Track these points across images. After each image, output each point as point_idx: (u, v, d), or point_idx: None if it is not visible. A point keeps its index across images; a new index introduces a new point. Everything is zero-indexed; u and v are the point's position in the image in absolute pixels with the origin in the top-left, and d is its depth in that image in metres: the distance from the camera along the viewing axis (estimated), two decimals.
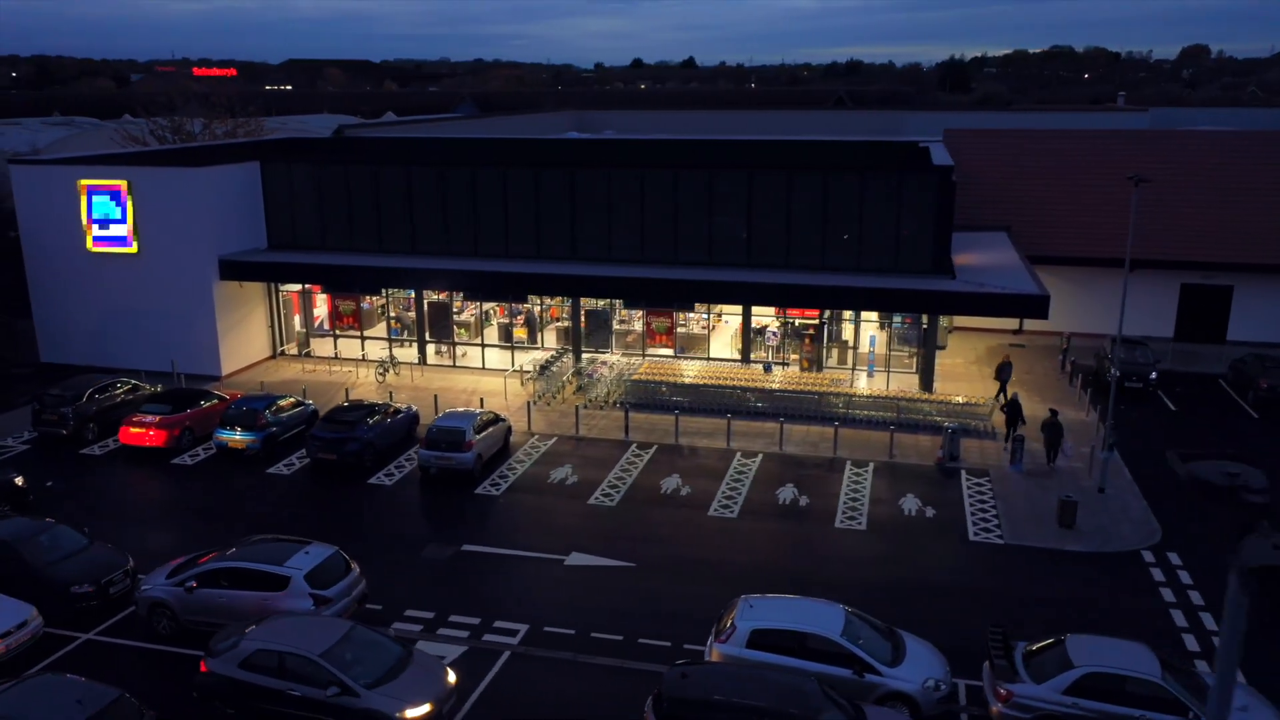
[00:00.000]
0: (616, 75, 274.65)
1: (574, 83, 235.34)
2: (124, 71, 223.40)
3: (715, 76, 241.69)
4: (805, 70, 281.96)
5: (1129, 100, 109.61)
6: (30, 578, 21.87)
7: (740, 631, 19.04)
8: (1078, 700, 17.46)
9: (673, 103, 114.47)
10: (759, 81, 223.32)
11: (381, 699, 17.23)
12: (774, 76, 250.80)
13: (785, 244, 36.76)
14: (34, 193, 38.78)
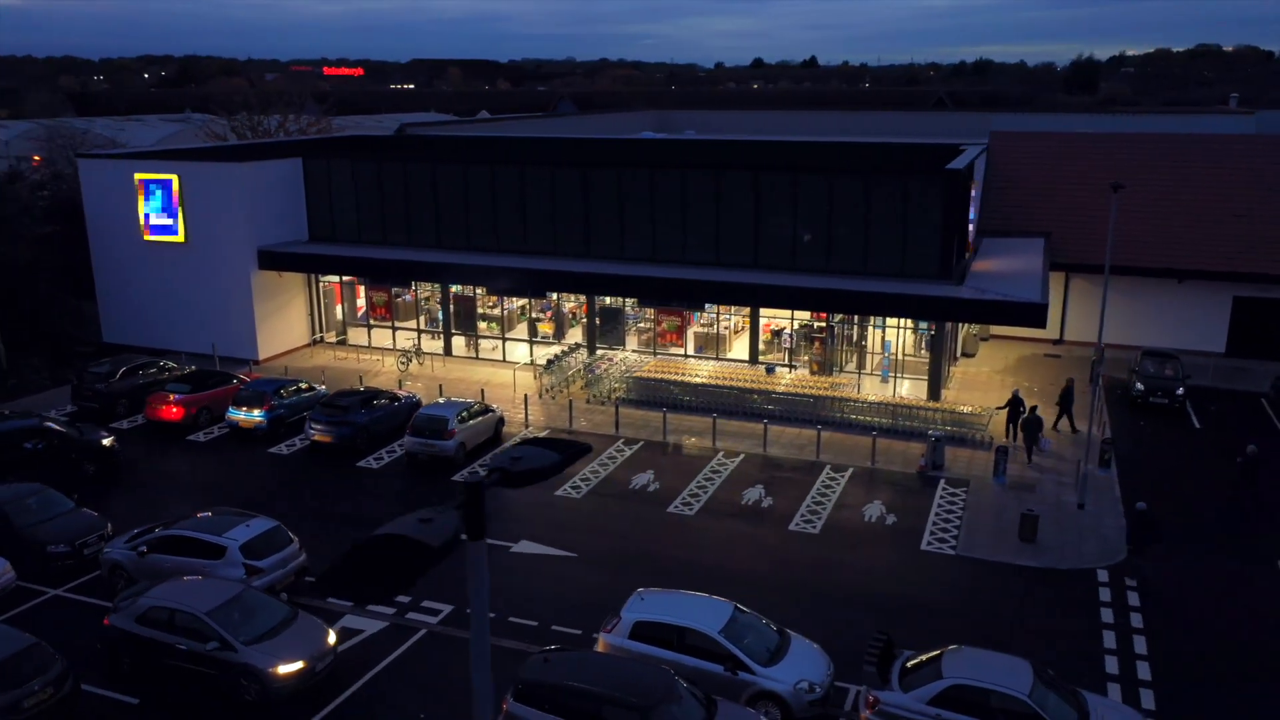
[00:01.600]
0: (735, 75, 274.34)
1: (688, 82, 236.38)
2: (260, 71, 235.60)
3: (830, 77, 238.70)
4: (931, 70, 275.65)
5: (1256, 104, 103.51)
6: (13, 536, 24.02)
7: (624, 623, 19.52)
8: (941, 711, 17.30)
9: (765, 103, 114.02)
10: (875, 82, 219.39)
11: (258, 654, 18.65)
12: (893, 77, 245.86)
13: (791, 246, 36.69)
14: (98, 185, 41.93)
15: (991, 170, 45.77)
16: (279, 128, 62.12)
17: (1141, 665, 20.65)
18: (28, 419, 31.05)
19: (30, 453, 29.85)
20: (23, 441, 29.92)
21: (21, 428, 30.25)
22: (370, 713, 19.12)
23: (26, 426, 30.35)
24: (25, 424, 30.51)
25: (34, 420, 30.93)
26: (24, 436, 30.01)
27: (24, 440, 29.94)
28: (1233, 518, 27.72)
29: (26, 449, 29.87)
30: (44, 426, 30.45)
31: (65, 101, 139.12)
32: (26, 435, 30.04)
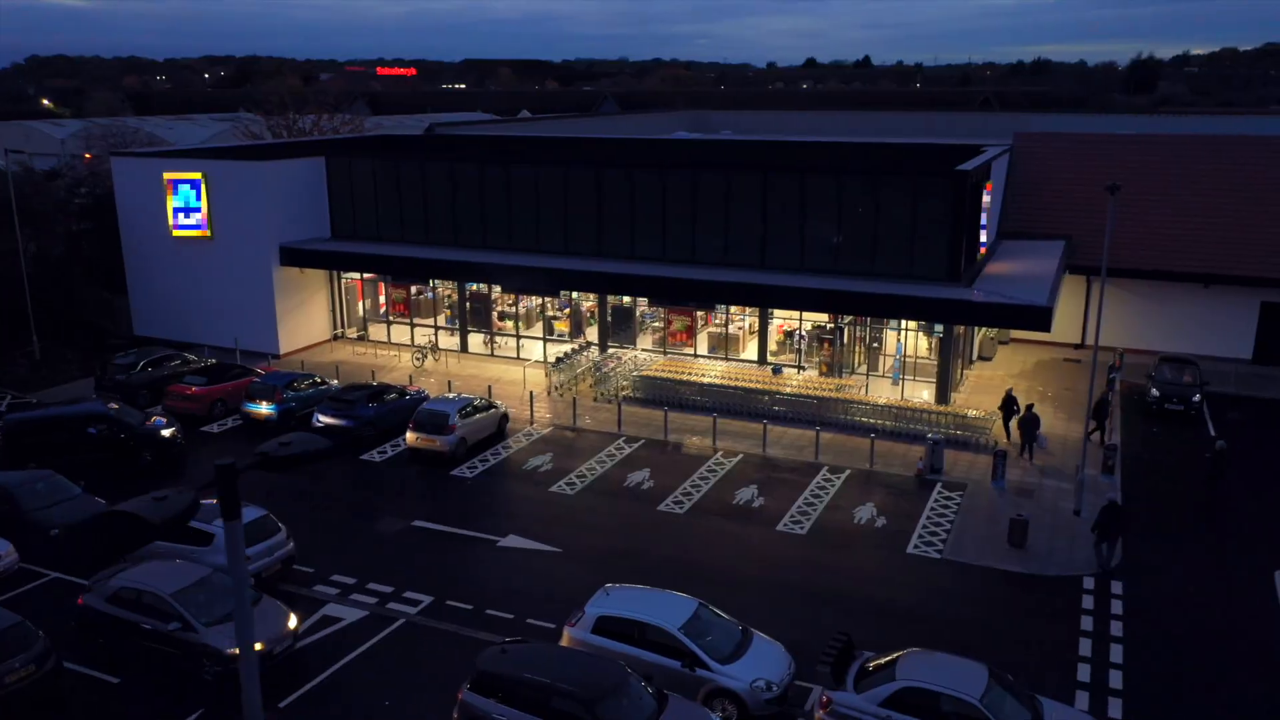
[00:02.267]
0: (786, 75, 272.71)
1: (737, 82, 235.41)
2: (315, 71, 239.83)
3: (880, 77, 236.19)
4: (988, 70, 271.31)
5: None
6: (19, 520, 24.98)
7: (588, 617, 19.77)
8: (891, 713, 17.29)
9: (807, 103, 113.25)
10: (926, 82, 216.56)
11: (217, 635, 19.35)
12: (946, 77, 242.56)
13: (800, 247, 36.62)
14: (129, 182, 43.22)
15: (1014, 172, 45.19)
16: (313, 127, 63.42)
17: (1115, 674, 20.39)
18: (94, 404, 31.53)
19: (93, 438, 30.33)
20: (87, 426, 30.46)
21: (88, 413, 30.73)
22: (338, 698, 19.59)
23: (93, 412, 30.75)
24: (91, 409, 30.93)
25: (99, 405, 31.30)
26: (89, 421, 30.50)
27: (88, 425, 30.48)
28: (1231, 526, 27.16)
29: (90, 434, 30.36)
30: (107, 413, 30.68)
31: (125, 101, 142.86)
32: (91, 420, 30.52)
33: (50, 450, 30.14)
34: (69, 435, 30.32)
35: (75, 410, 30.99)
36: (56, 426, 30.56)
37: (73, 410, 31.01)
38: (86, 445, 30.25)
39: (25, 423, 30.89)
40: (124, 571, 20.89)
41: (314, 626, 22.07)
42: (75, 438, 30.25)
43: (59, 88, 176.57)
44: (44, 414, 31.30)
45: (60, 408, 31.64)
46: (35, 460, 29.78)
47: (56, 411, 31.21)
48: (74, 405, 31.58)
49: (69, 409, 31.21)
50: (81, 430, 30.34)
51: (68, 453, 30.02)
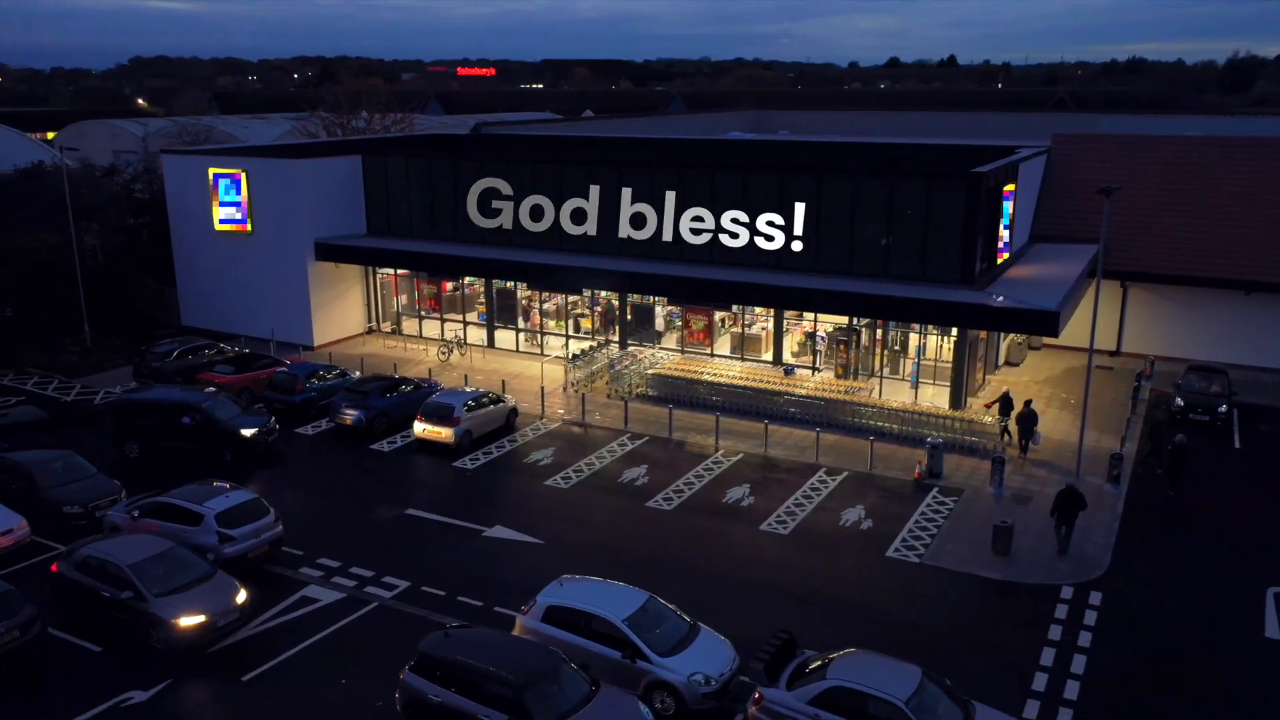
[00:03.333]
0: (866, 75, 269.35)
1: (814, 81, 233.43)
2: (398, 71, 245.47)
3: (962, 77, 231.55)
4: (1079, 69, 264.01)
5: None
6: (36, 497, 26.49)
7: (538, 606, 20.24)
8: (820, 712, 17.37)
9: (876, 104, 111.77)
10: (1011, 82, 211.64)
11: (165, 605, 20.55)
12: (1033, 76, 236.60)
13: (814, 248, 36.51)
14: (178, 179, 45.15)
15: (1050, 174, 44.26)
16: (366, 126, 65.20)
17: (1072, 685, 20.06)
18: (193, 393, 31.82)
19: (185, 427, 30.68)
20: (182, 415, 30.74)
21: (183, 402, 30.97)
22: (299, 675, 20.39)
23: (188, 401, 30.96)
24: (187, 399, 31.12)
25: (197, 395, 31.56)
26: (184, 410, 30.75)
27: (183, 414, 30.73)
28: (1237, 542, 26.35)
29: (184, 423, 30.69)
30: (200, 404, 30.78)
31: (211, 100, 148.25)
32: (186, 410, 30.73)
33: (149, 433, 30.99)
34: (164, 421, 30.85)
35: (172, 397, 31.30)
36: (156, 411, 31.02)
37: (170, 397, 31.33)
38: (178, 433, 30.77)
39: (131, 404, 31.54)
40: (92, 542, 22.18)
41: (291, 606, 22.97)
42: (170, 425, 30.77)
43: (156, 88, 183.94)
44: (146, 396, 31.76)
45: (164, 392, 32.07)
46: (137, 440, 31.04)
47: (159, 396, 31.63)
48: (177, 391, 31.99)
49: (169, 395, 31.53)
50: (177, 418, 30.74)
51: (162, 438, 30.85)
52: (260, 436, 31.45)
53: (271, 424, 32.06)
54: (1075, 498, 25.26)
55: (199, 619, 20.48)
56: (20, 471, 27.04)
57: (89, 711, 19.02)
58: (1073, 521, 25.40)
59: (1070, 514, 25.30)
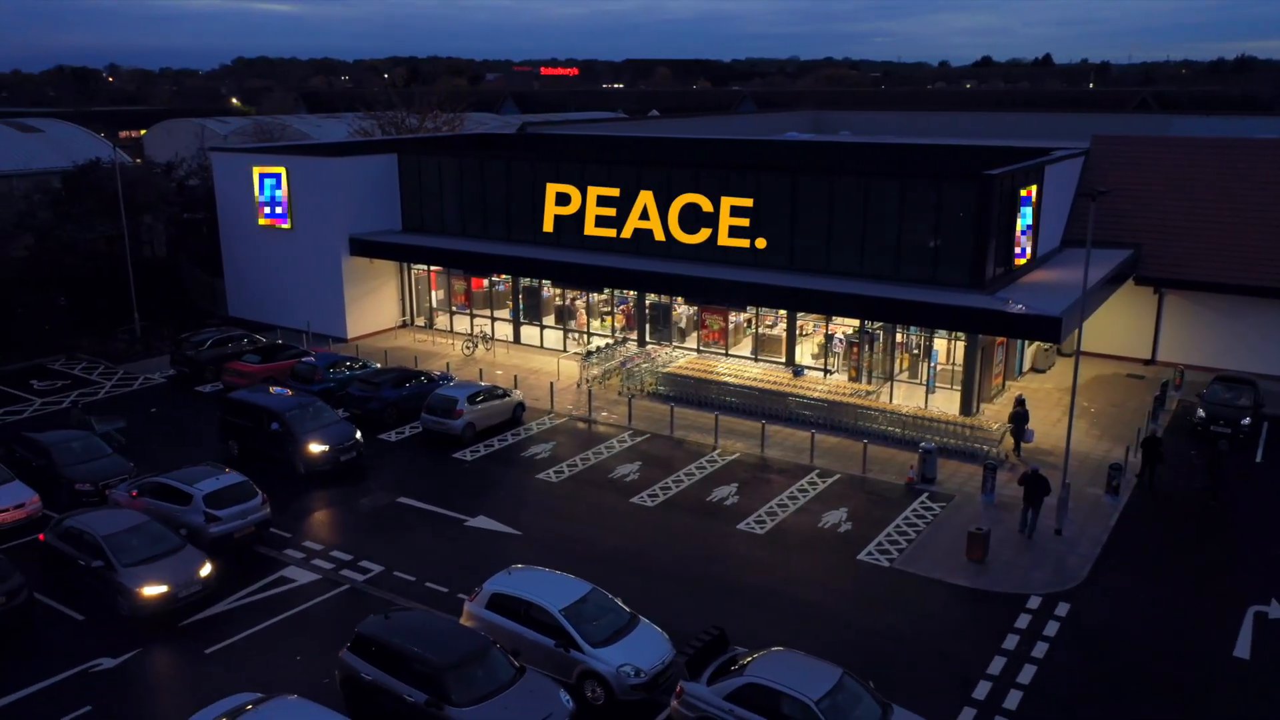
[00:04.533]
0: (953, 74, 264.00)
1: (900, 81, 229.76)
2: (482, 71, 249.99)
3: (1052, 76, 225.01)
4: (1183, 69, 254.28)
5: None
6: (52, 474, 28.18)
7: (484, 593, 20.85)
8: (734, 708, 17.57)
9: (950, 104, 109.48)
10: (1105, 81, 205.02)
11: (131, 575, 21.84)
12: (1131, 75, 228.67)
13: (826, 249, 36.38)
14: (226, 176, 47.15)
15: (1088, 176, 43.12)
16: (418, 125, 66.85)
17: (1015, 694, 19.80)
18: (292, 399, 31.12)
19: (272, 434, 30.19)
20: (271, 422, 30.22)
21: (274, 408, 30.35)
22: (260, 650, 21.36)
23: (278, 409, 30.29)
24: (281, 405, 30.52)
25: (295, 401, 30.91)
26: (273, 418, 30.22)
27: (273, 421, 30.20)
28: (1227, 557, 25.52)
29: (273, 429, 30.19)
30: (286, 413, 30.07)
31: (298, 100, 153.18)
32: (275, 417, 30.19)
33: (245, 433, 30.96)
34: (256, 424, 30.59)
35: (264, 401, 30.83)
36: (251, 412, 30.77)
37: (262, 400, 30.91)
38: (266, 438, 30.39)
39: (232, 403, 31.41)
40: (77, 514, 23.61)
41: (268, 585, 24.04)
42: (260, 428, 30.47)
43: (253, 87, 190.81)
44: (244, 397, 31.42)
45: (259, 394, 31.49)
46: (235, 438, 31.24)
47: (253, 398, 31.19)
48: (271, 395, 31.43)
49: (262, 398, 31.09)
50: (267, 423, 30.36)
51: (254, 440, 30.73)
52: (329, 455, 29.96)
53: (348, 442, 30.48)
54: (1040, 481, 26.12)
55: (161, 589, 21.69)
56: (41, 449, 28.80)
57: (59, 675, 20.26)
58: (1039, 505, 26.24)
59: (1035, 497, 26.15)
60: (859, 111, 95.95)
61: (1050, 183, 38.92)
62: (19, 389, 38.74)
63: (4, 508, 26.22)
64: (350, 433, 30.85)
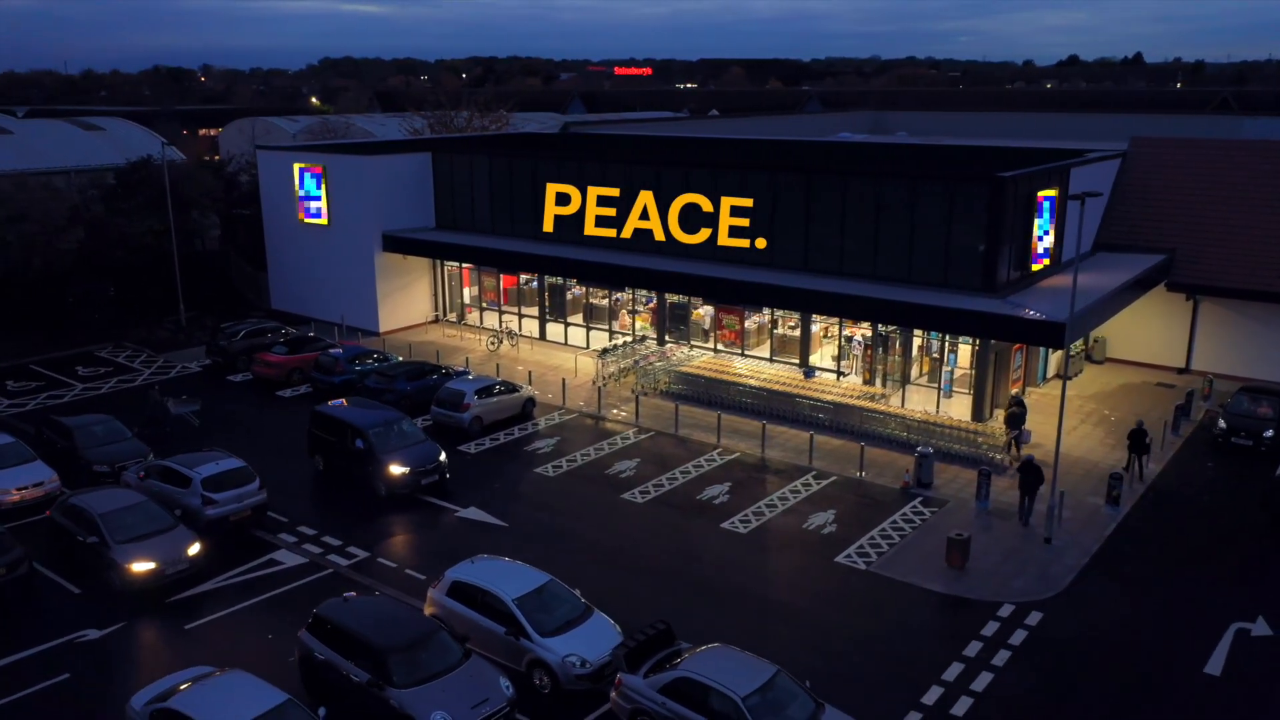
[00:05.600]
0: (1034, 73, 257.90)
1: (978, 81, 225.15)
2: (557, 71, 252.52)
3: (1138, 75, 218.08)
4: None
5: None
6: (73, 455, 29.66)
7: (445, 580, 21.44)
8: (667, 700, 17.81)
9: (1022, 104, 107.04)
10: (1201, 81, 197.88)
11: (122, 551, 22.95)
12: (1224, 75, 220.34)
13: (840, 251, 36.19)
14: (270, 173, 48.78)
15: (1124, 179, 42.04)
16: (466, 124, 68.05)
17: (964, 701, 19.62)
18: (377, 414, 30.06)
19: (356, 451, 29.07)
20: (356, 439, 29.04)
21: (358, 425, 29.13)
22: (236, 627, 22.27)
23: (362, 426, 29.08)
24: (365, 422, 29.31)
25: (377, 418, 29.73)
26: (358, 435, 28.98)
27: (357, 438, 29.01)
28: (1222, 573, 24.79)
29: (357, 446, 29.03)
30: (370, 433, 28.81)
31: (373, 100, 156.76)
32: (359, 434, 28.94)
33: (330, 449, 29.89)
34: (340, 440, 29.53)
35: (350, 417, 29.67)
36: (337, 427, 29.64)
37: (348, 416, 29.72)
38: (351, 455, 29.24)
39: (318, 416, 30.43)
40: (81, 493, 24.90)
41: (257, 566, 24.99)
42: (344, 444, 29.40)
43: (335, 87, 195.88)
44: (332, 411, 30.31)
45: (348, 409, 30.35)
46: (321, 453, 30.18)
47: (340, 413, 30.06)
48: (359, 411, 30.18)
49: (349, 413, 29.90)
50: (352, 440, 29.20)
51: (337, 456, 29.73)
52: (410, 478, 28.48)
53: (430, 464, 28.79)
54: (1034, 470, 26.89)
55: (150, 565, 22.77)
56: (65, 431, 30.34)
57: (46, 644, 21.42)
58: (1034, 493, 26.95)
59: (1030, 486, 26.87)
60: (924, 112, 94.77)
61: (1078, 185, 37.99)
62: (65, 375, 40.72)
63: (23, 485, 27.71)
64: (434, 454, 29.15)
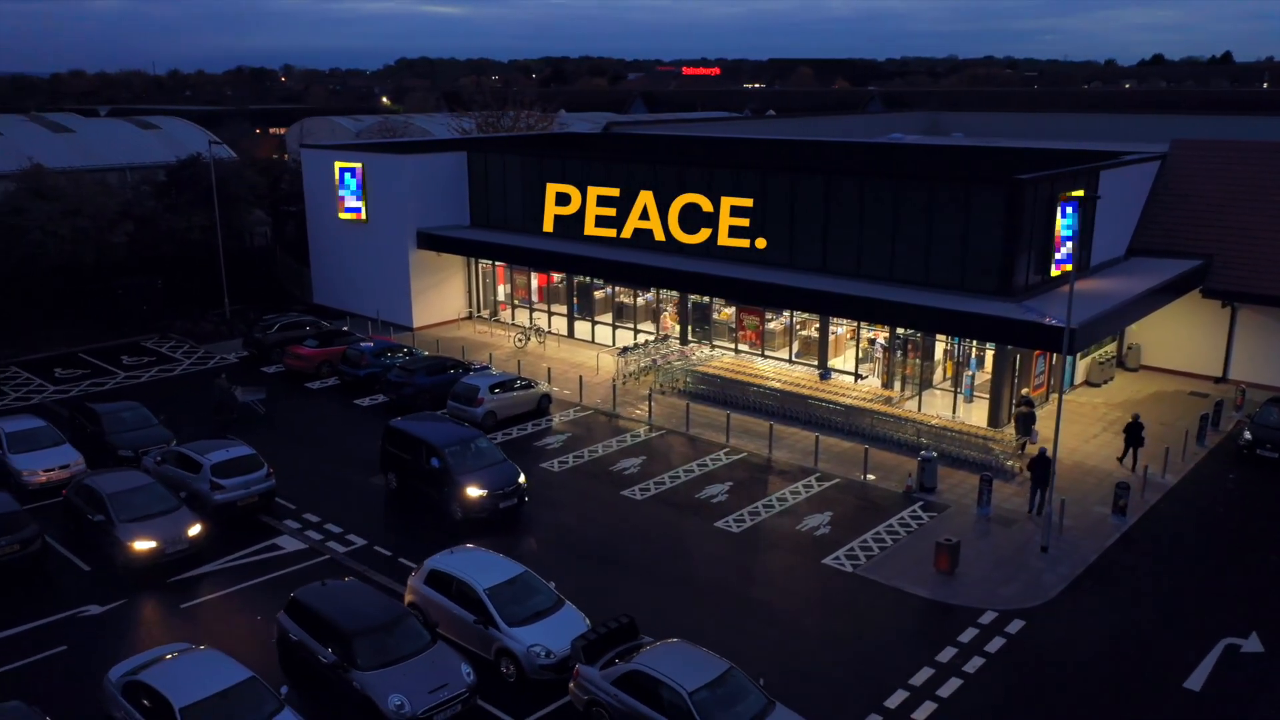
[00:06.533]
0: (1111, 73, 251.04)
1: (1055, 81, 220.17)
2: (624, 72, 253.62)
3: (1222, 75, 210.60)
4: None
5: None
6: (100, 439, 31.00)
7: (424, 569, 22.02)
8: (619, 692, 18.08)
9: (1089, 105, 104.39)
10: None
11: (126, 529, 24.06)
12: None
13: (857, 253, 35.97)
14: (313, 171, 50.14)
15: (1163, 182, 40.96)
16: (513, 124, 68.95)
17: (927, 706, 19.50)
18: (458, 433, 28.71)
19: (431, 470, 27.77)
20: (432, 457, 27.66)
21: (433, 444, 27.71)
22: (229, 608, 23.12)
23: (438, 444, 27.69)
24: (442, 440, 27.93)
25: (459, 436, 28.35)
26: (433, 453, 27.63)
27: (433, 457, 27.61)
28: (1222, 587, 24.15)
29: (432, 465, 27.70)
30: (447, 453, 27.45)
31: (440, 99, 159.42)
32: (435, 453, 27.60)
33: (404, 467, 28.68)
34: (414, 458, 28.22)
35: (425, 434, 28.25)
36: (412, 445, 28.35)
37: (424, 433, 28.31)
38: (425, 475, 27.94)
39: (391, 431, 29.16)
40: (93, 475, 26.17)
41: (258, 550, 25.88)
42: (419, 462, 28.05)
43: (407, 87, 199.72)
44: (406, 426, 29.03)
45: (424, 426, 28.98)
46: (394, 470, 28.89)
47: (416, 430, 28.66)
48: (438, 428, 28.86)
49: (426, 430, 28.49)
50: (427, 458, 27.81)
51: (410, 475, 28.54)
52: (487, 502, 26.87)
53: (509, 487, 27.27)
54: (1046, 461, 26.89)
55: (150, 544, 23.84)
56: (94, 417, 31.71)
57: (50, 617, 22.51)
58: (1045, 485, 26.93)
59: (1042, 477, 26.98)
60: (985, 113, 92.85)
61: (1109, 188, 37.20)
62: (110, 363, 42.46)
63: (50, 467, 29.09)
64: (513, 476, 27.58)
